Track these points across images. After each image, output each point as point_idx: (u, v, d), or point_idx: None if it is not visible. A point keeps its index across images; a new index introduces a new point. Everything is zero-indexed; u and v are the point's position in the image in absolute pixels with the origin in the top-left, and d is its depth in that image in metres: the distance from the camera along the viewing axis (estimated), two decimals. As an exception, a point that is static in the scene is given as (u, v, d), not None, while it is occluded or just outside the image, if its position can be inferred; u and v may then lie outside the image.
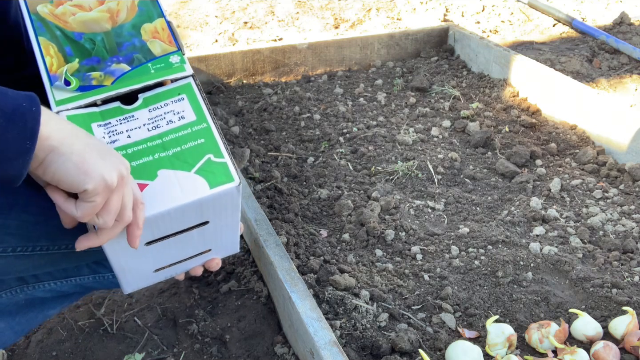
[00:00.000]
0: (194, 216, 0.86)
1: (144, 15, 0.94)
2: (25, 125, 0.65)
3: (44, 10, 0.90)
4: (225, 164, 0.85)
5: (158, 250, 0.89)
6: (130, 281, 0.96)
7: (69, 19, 0.91)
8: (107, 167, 0.74)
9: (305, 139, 2.14)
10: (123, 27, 0.93)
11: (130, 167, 0.80)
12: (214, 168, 0.85)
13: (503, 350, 1.27)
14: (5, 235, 0.98)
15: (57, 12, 0.91)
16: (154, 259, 0.92)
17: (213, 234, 0.94)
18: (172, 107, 0.88)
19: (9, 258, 1.01)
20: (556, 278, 1.49)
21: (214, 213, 0.88)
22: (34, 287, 1.17)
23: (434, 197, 1.82)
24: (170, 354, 1.39)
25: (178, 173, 0.83)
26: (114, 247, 0.83)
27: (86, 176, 0.73)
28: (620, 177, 1.88)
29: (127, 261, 0.88)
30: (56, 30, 0.89)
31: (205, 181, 0.83)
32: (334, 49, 2.67)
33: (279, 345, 1.38)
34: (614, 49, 2.88)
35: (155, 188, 0.82)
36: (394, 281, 1.48)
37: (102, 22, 0.92)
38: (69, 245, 1.10)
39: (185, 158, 0.85)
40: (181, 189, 0.82)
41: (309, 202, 1.80)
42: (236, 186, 0.85)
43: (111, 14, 0.92)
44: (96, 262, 1.22)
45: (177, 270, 0.99)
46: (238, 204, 0.90)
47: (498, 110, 2.27)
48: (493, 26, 3.32)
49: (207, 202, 0.84)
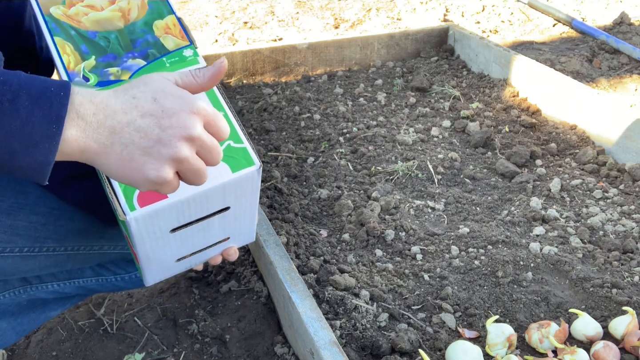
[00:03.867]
0: (217, 201, 0.88)
1: (155, 13, 0.97)
2: (50, 108, 0.64)
3: (57, 12, 0.93)
4: (245, 149, 0.88)
5: (181, 237, 0.91)
6: (154, 271, 0.97)
7: (82, 19, 0.93)
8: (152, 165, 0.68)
9: (305, 139, 2.14)
10: (135, 25, 0.95)
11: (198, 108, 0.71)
12: (235, 153, 0.87)
13: (503, 350, 1.27)
14: (14, 235, 0.99)
15: (70, 12, 0.93)
16: (177, 248, 0.94)
17: (233, 220, 0.96)
18: None
19: (15, 258, 1.01)
20: (556, 278, 1.49)
21: (235, 198, 0.90)
22: (37, 288, 1.17)
23: (434, 197, 1.82)
24: (170, 354, 1.39)
25: None
26: (142, 235, 0.85)
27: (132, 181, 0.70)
28: (620, 177, 1.88)
29: (152, 249, 0.89)
30: (70, 30, 0.92)
31: (228, 166, 0.86)
32: (334, 49, 2.67)
33: (279, 345, 1.38)
34: (614, 49, 2.88)
35: None
36: (394, 281, 1.48)
37: (115, 20, 0.94)
38: (75, 246, 1.10)
39: None
40: None
41: (309, 202, 1.80)
42: (257, 169, 0.87)
43: (123, 13, 0.95)
44: (100, 264, 1.23)
45: (197, 260, 1.01)
46: (257, 188, 0.92)
47: (498, 110, 2.27)
48: (493, 26, 3.32)
49: (229, 186, 0.87)
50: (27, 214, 0.99)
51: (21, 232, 0.99)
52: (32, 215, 1.00)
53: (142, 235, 0.85)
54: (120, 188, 0.82)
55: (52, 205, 1.03)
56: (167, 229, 0.87)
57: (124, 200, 0.81)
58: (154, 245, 0.88)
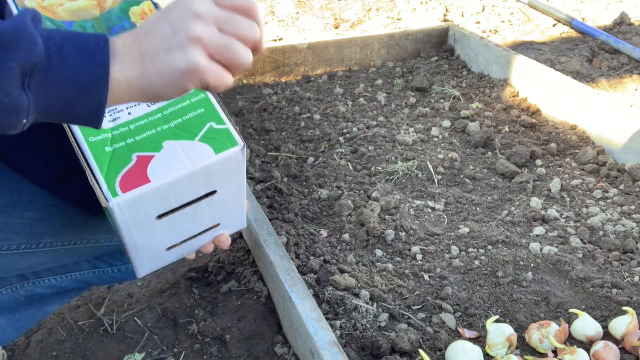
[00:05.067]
0: (202, 184, 0.87)
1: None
2: (94, 56, 0.66)
3: (31, 4, 0.91)
4: (228, 130, 0.87)
5: (169, 224, 0.90)
6: (144, 261, 0.97)
7: (57, 10, 0.92)
8: (178, 55, 0.69)
9: (305, 139, 2.14)
10: (111, 12, 0.94)
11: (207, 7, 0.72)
12: (217, 134, 0.86)
13: (503, 350, 1.27)
14: (9, 233, 0.98)
15: (45, 4, 0.92)
16: (166, 235, 0.93)
17: (221, 205, 0.95)
18: None
19: (13, 255, 1.01)
20: (556, 278, 1.49)
21: (220, 181, 0.89)
22: (34, 284, 1.17)
23: (434, 197, 1.82)
24: (170, 354, 1.39)
25: (182, 142, 0.85)
26: (127, 222, 0.84)
27: (177, 83, 0.70)
28: (620, 177, 1.88)
29: (140, 237, 0.88)
30: (47, 21, 0.90)
31: (210, 147, 0.85)
32: (334, 49, 2.67)
33: (279, 345, 1.38)
34: (614, 49, 2.88)
35: (162, 159, 0.84)
36: (394, 281, 1.48)
37: (90, 9, 0.93)
38: (71, 241, 1.10)
39: (188, 128, 0.86)
40: (187, 157, 0.84)
41: (309, 202, 1.80)
42: (240, 149, 0.86)
43: (98, 1, 0.94)
44: (96, 257, 1.23)
45: (189, 249, 1.00)
46: (243, 169, 0.91)
47: (498, 110, 2.27)
48: (493, 26, 3.32)
49: (214, 168, 0.86)
50: (21, 210, 0.99)
51: (17, 229, 0.99)
52: (27, 211, 1.00)
53: (128, 223, 0.84)
54: (102, 174, 0.81)
55: (47, 201, 1.03)
56: (152, 216, 0.86)
57: (106, 186, 0.80)
58: (140, 232, 0.87)
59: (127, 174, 0.82)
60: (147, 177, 0.82)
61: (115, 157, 0.83)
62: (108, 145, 0.84)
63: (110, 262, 1.26)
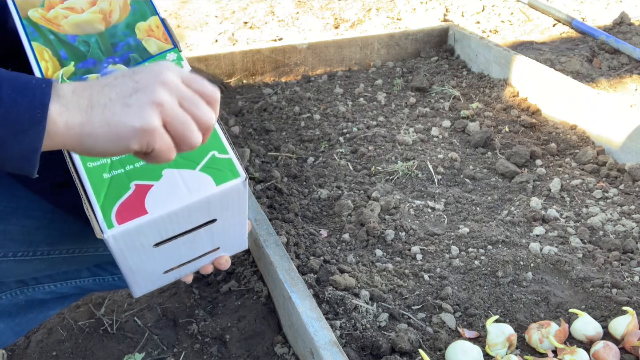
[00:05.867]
0: (201, 215, 0.85)
1: (137, 14, 0.93)
2: (34, 96, 0.65)
3: (35, 15, 0.89)
4: (230, 160, 0.84)
5: (166, 251, 0.88)
6: (141, 284, 0.95)
7: (62, 22, 0.90)
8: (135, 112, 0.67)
9: (305, 139, 2.14)
10: (117, 27, 0.92)
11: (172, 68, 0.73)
12: (219, 164, 0.84)
13: (503, 350, 1.27)
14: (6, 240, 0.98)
15: (49, 15, 0.89)
16: (163, 261, 0.91)
17: (221, 232, 0.93)
18: None
19: (9, 262, 1.00)
20: (556, 278, 1.49)
21: (221, 210, 0.87)
22: (34, 289, 1.17)
23: (434, 197, 1.82)
24: (170, 354, 1.39)
25: (182, 172, 0.83)
26: (122, 249, 0.82)
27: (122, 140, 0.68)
28: (620, 177, 1.88)
29: (135, 263, 0.86)
30: (49, 34, 0.88)
31: (211, 178, 0.82)
32: (334, 49, 2.67)
33: (279, 345, 1.38)
34: (614, 49, 2.88)
35: (161, 188, 0.81)
36: (394, 281, 1.48)
37: (96, 23, 0.91)
38: (69, 249, 1.10)
39: (189, 156, 0.84)
40: (187, 187, 0.81)
41: (309, 202, 1.80)
42: (242, 181, 0.84)
43: (104, 15, 0.91)
44: (96, 265, 1.23)
45: (187, 271, 0.98)
46: (245, 199, 0.89)
47: (498, 110, 2.27)
48: (493, 26, 3.32)
49: (214, 200, 0.83)
50: (19, 218, 0.98)
51: (14, 236, 0.98)
52: (25, 219, 0.99)
53: (123, 252, 0.82)
54: (98, 203, 0.79)
55: (45, 208, 1.02)
56: (149, 244, 0.84)
57: (102, 216, 0.78)
58: (136, 259, 0.85)
59: (124, 203, 0.79)
60: (145, 208, 0.79)
61: (114, 184, 0.81)
62: (107, 171, 0.82)
63: (110, 271, 1.25)
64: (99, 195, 0.79)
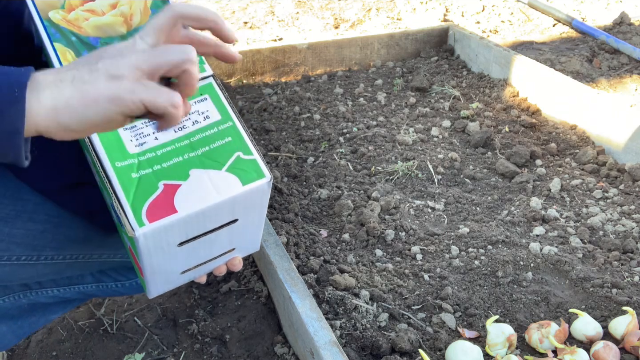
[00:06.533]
0: (226, 214, 0.87)
1: None
2: (9, 78, 0.64)
3: (56, 16, 0.89)
4: (255, 161, 0.86)
5: (188, 251, 0.89)
6: (158, 284, 0.96)
7: (83, 24, 0.90)
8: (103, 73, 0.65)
9: (305, 139, 2.14)
10: (138, 30, 0.91)
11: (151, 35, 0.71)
12: (244, 165, 0.85)
13: (503, 350, 1.27)
14: (11, 244, 0.98)
15: (70, 17, 0.89)
16: (183, 260, 0.92)
17: (241, 232, 0.94)
18: (196, 108, 0.88)
19: (13, 266, 1.00)
20: (556, 278, 1.49)
21: (244, 210, 0.89)
22: (37, 293, 1.17)
23: (434, 197, 1.82)
24: (170, 354, 1.39)
25: (210, 172, 0.84)
26: (149, 247, 0.83)
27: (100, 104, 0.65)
28: (620, 177, 1.88)
29: (158, 263, 0.87)
30: (71, 35, 0.88)
31: (237, 178, 0.84)
32: (334, 49, 2.67)
33: (279, 345, 1.38)
34: (614, 49, 2.88)
35: (189, 188, 0.82)
36: (394, 281, 1.48)
37: (117, 25, 0.91)
38: (73, 255, 1.10)
39: (215, 157, 0.85)
40: (214, 187, 0.83)
41: (309, 202, 1.80)
42: (267, 182, 0.86)
43: (125, 18, 0.91)
44: (100, 271, 1.23)
45: (202, 272, 1.00)
46: (267, 200, 0.91)
47: (498, 110, 2.27)
48: (493, 26, 3.32)
49: (239, 199, 0.85)
50: (24, 221, 0.98)
51: (18, 240, 0.98)
52: (30, 222, 0.99)
53: (150, 250, 0.83)
54: (129, 202, 0.79)
55: (51, 212, 1.02)
56: (174, 243, 0.85)
57: (132, 215, 0.79)
58: (160, 259, 0.87)
59: (154, 202, 0.80)
60: (174, 206, 0.80)
61: (142, 184, 0.81)
62: (135, 171, 0.82)
63: (114, 277, 1.25)
64: (128, 194, 0.80)
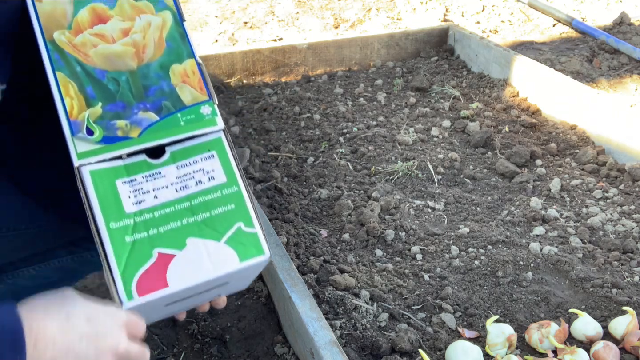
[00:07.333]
0: (219, 283, 0.84)
1: (173, 54, 0.87)
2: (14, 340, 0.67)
3: (61, 39, 0.82)
4: (256, 235, 0.83)
5: (174, 306, 0.87)
6: None
7: (90, 52, 0.83)
8: None
9: (305, 139, 2.14)
10: (150, 67, 0.85)
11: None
12: (245, 239, 0.82)
13: (503, 350, 1.27)
14: None
15: (76, 41, 0.82)
16: (170, 311, 0.91)
17: (231, 287, 0.92)
18: (202, 165, 0.84)
19: None
20: (556, 278, 1.49)
21: (238, 279, 0.87)
22: (14, 276, 1.15)
23: (434, 197, 1.82)
24: (170, 353, 1.39)
25: (207, 242, 0.80)
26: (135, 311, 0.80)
27: None
28: (620, 177, 1.88)
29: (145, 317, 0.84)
30: (76, 65, 0.82)
31: (235, 253, 0.81)
32: (334, 49, 2.67)
33: (279, 345, 1.38)
34: (614, 49, 2.88)
35: (184, 259, 0.79)
36: (394, 281, 1.48)
37: (127, 58, 0.84)
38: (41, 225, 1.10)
39: (215, 225, 0.82)
40: (210, 261, 0.80)
41: (309, 202, 1.80)
42: (266, 259, 0.83)
43: (137, 49, 0.84)
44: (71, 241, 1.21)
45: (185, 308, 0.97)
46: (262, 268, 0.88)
47: (498, 110, 2.27)
48: (493, 26, 3.32)
49: (234, 273, 0.83)
50: None
51: None
52: None
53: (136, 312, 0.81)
54: (119, 270, 0.76)
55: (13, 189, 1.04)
56: (162, 305, 0.83)
57: (122, 286, 0.76)
58: (146, 314, 0.84)
59: (146, 273, 0.77)
60: (166, 280, 0.77)
61: (136, 250, 0.78)
62: (129, 234, 0.78)
63: (86, 246, 1.22)
64: (120, 260, 0.77)
